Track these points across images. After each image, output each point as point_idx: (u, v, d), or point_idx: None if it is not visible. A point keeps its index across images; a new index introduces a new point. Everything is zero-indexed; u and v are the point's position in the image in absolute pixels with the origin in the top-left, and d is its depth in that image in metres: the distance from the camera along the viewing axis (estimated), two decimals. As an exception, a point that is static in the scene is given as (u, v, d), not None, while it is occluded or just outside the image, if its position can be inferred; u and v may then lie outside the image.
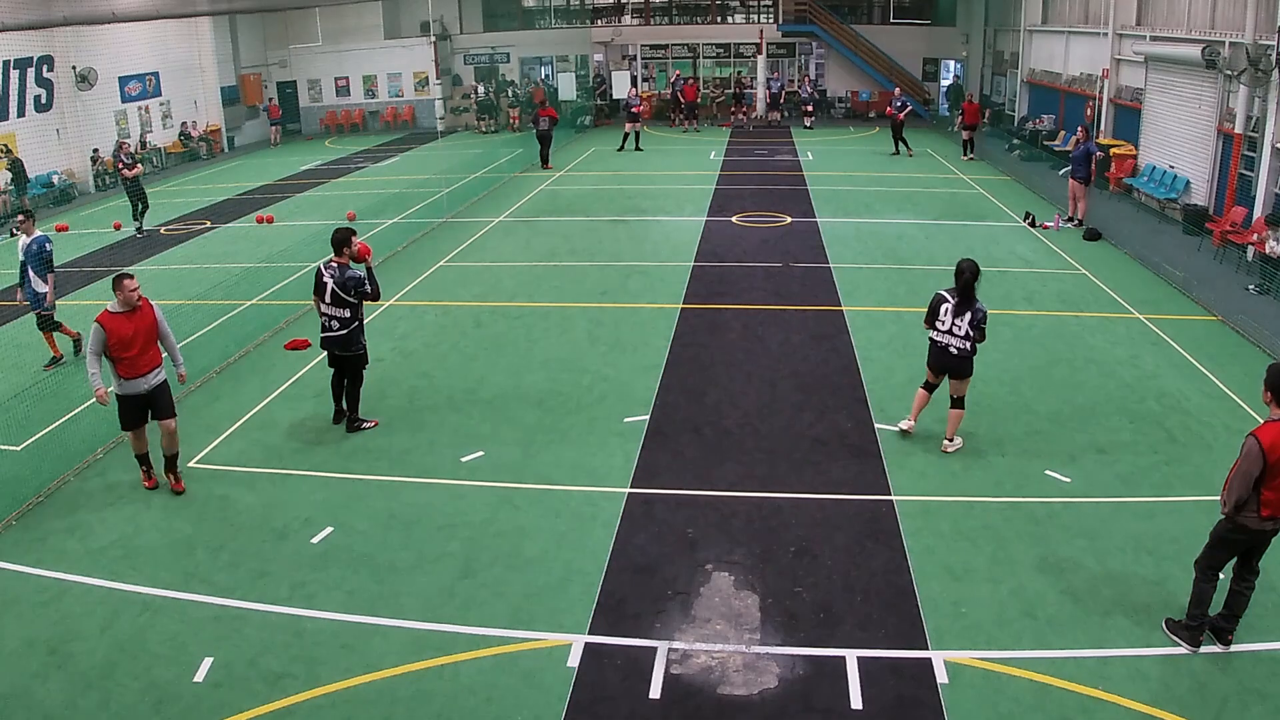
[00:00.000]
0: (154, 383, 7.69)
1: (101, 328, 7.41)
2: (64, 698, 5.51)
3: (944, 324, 8.00)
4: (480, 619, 6.14)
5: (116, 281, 7.51)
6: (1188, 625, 5.67)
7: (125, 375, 7.52)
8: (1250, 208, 14.35)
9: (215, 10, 27.01)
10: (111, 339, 7.41)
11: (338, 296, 8.50)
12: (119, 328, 7.43)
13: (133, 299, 7.48)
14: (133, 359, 7.48)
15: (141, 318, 7.54)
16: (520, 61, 34.96)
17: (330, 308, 8.56)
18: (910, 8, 34.68)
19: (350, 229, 8.83)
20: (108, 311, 7.46)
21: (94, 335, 7.38)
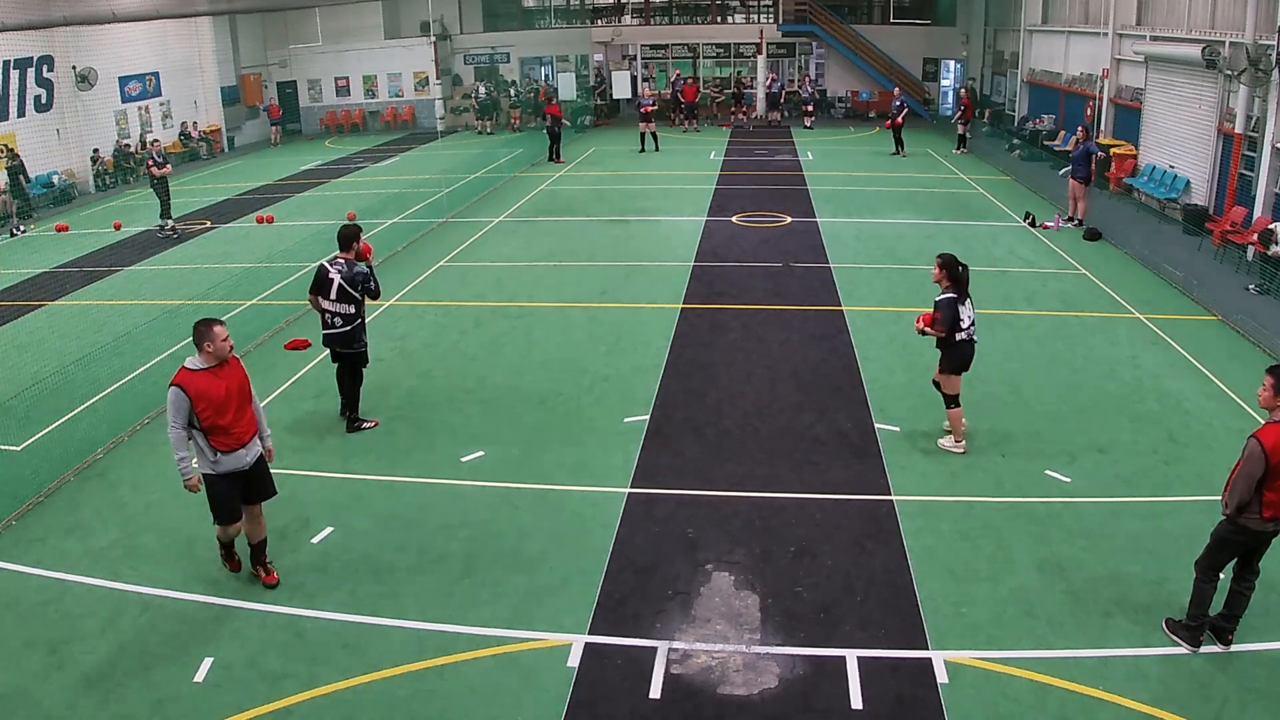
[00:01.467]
0: (255, 454, 6.29)
1: (183, 391, 5.89)
2: (64, 698, 5.51)
3: (965, 323, 7.99)
4: (480, 619, 6.14)
5: (202, 329, 6.00)
6: (1187, 625, 5.67)
7: (223, 448, 6.04)
8: (1250, 208, 14.35)
9: (215, 10, 27.00)
10: (200, 404, 5.91)
11: (344, 292, 8.51)
12: (209, 388, 5.95)
13: (224, 350, 6.03)
14: (228, 426, 6.03)
15: (232, 373, 6.11)
16: (520, 61, 34.96)
17: (335, 304, 8.54)
18: (910, 8, 34.68)
19: (358, 226, 8.93)
20: (188, 370, 5.97)
21: (174, 403, 5.91)
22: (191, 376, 5.96)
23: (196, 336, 6.02)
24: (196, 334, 6.02)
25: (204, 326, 6.02)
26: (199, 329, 6.03)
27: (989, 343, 10.81)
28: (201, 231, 18.13)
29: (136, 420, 9.32)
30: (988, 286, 13.04)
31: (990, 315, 11.78)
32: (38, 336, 12.15)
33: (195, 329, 6.05)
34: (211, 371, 6.00)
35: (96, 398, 9.87)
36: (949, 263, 8.05)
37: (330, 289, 8.54)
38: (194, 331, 6.04)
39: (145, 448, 8.79)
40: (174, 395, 5.94)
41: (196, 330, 6.04)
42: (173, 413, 5.96)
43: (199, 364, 6.00)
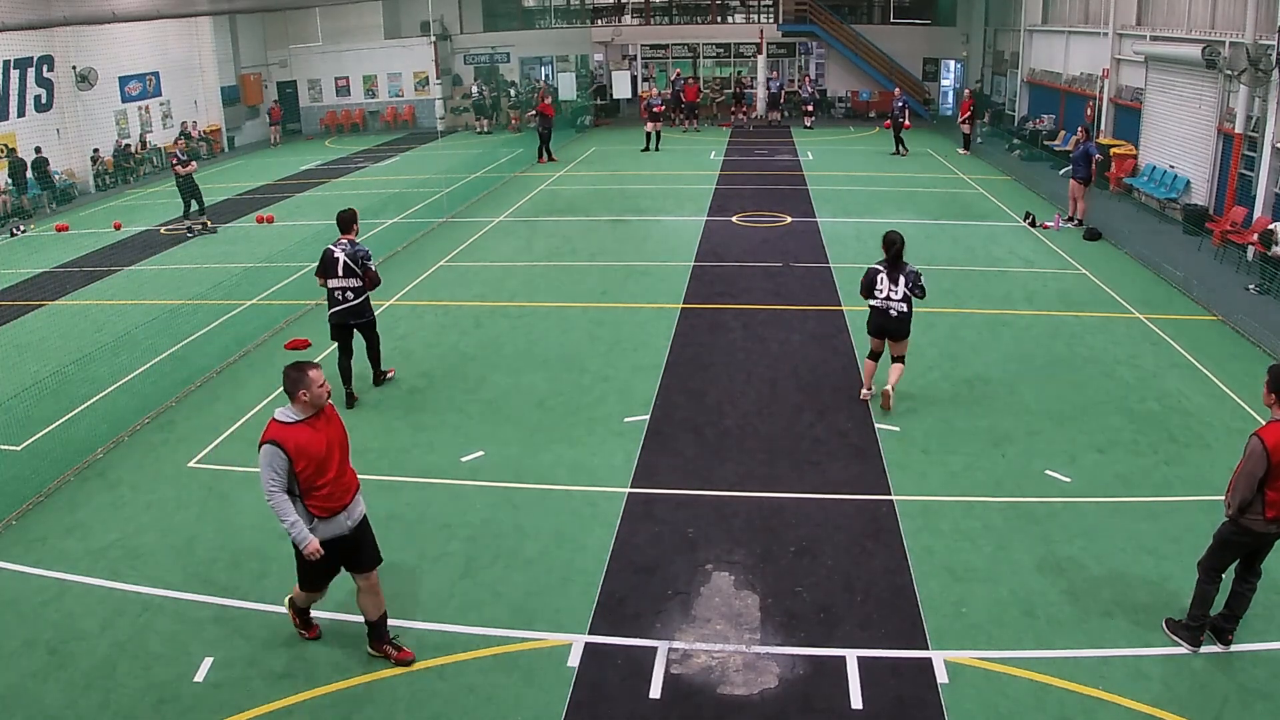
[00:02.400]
0: (357, 517, 5.48)
1: (281, 450, 5.07)
2: (64, 698, 5.51)
3: (882, 291, 8.89)
4: (480, 619, 6.14)
5: (296, 375, 5.14)
6: (1188, 625, 5.67)
7: (322, 513, 5.24)
8: (1250, 208, 14.35)
9: (215, 10, 27.01)
10: (300, 462, 5.09)
11: (349, 268, 9.19)
12: (309, 443, 5.12)
13: (322, 397, 5.21)
14: (331, 485, 5.23)
15: (331, 424, 5.31)
16: (520, 61, 34.96)
17: (342, 280, 9.22)
18: (910, 8, 34.68)
19: (353, 209, 9.59)
20: (280, 423, 5.14)
21: (271, 463, 5.08)
22: (288, 430, 5.08)
23: (290, 383, 5.14)
24: (289, 380, 5.14)
25: (298, 371, 5.14)
26: (292, 374, 5.14)
27: (989, 343, 10.83)
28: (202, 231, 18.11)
29: (136, 420, 9.32)
30: (988, 286, 13.05)
31: (990, 315, 11.79)
32: (38, 336, 12.15)
33: (287, 375, 5.16)
34: (309, 423, 5.15)
35: (96, 398, 9.87)
36: (884, 237, 8.94)
37: (337, 266, 9.19)
38: (286, 378, 5.16)
39: (145, 448, 8.79)
40: (270, 454, 5.04)
41: (289, 376, 5.15)
42: (269, 475, 5.06)
43: (293, 415, 5.15)
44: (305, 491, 5.16)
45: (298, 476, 5.10)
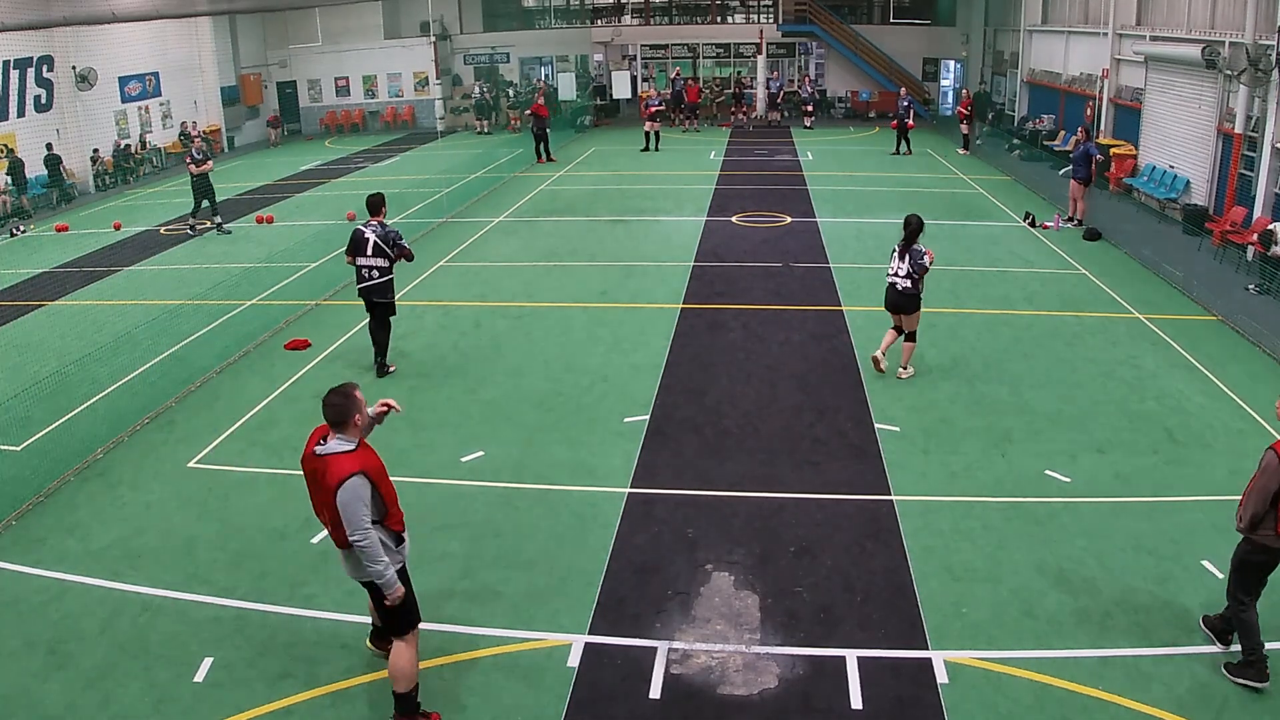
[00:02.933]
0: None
1: (368, 479, 4.71)
2: (64, 698, 5.51)
3: (891, 268, 9.70)
4: (480, 619, 6.14)
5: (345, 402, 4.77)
6: (1250, 662, 5.36)
7: (400, 527, 5.02)
8: (1250, 208, 14.35)
9: (215, 10, 27.00)
10: (383, 485, 4.83)
11: (379, 248, 9.78)
12: (378, 464, 4.88)
13: (369, 417, 5.01)
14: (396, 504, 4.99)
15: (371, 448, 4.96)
16: (520, 61, 34.96)
17: (370, 259, 9.82)
18: (910, 8, 34.69)
19: (381, 194, 10.06)
20: (347, 454, 4.72)
21: (360, 495, 4.68)
22: (359, 458, 4.74)
23: (338, 411, 4.74)
24: (338, 408, 4.75)
25: (345, 397, 4.78)
26: (339, 401, 4.76)
27: (989, 343, 10.83)
28: (202, 231, 18.11)
29: (136, 420, 9.32)
30: (988, 286, 13.05)
31: (990, 315, 11.79)
32: (38, 336, 12.16)
33: (334, 403, 4.75)
34: (366, 446, 4.88)
35: (96, 398, 9.87)
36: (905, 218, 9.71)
37: (366, 246, 9.77)
38: (333, 406, 4.75)
39: (145, 448, 8.79)
40: (358, 486, 4.64)
41: (336, 404, 4.75)
42: (361, 511, 4.66)
43: (350, 441, 4.78)
44: (388, 514, 4.89)
45: (383, 499, 4.84)
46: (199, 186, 17.35)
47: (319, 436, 4.89)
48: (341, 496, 4.66)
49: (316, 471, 4.83)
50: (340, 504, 4.67)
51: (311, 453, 4.87)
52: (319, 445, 4.83)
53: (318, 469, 4.81)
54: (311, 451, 4.87)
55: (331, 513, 4.79)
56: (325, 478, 4.74)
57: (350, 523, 4.69)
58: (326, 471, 4.73)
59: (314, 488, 4.94)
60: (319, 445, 4.83)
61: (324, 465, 4.76)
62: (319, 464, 4.80)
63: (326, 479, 4.72)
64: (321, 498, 4.86)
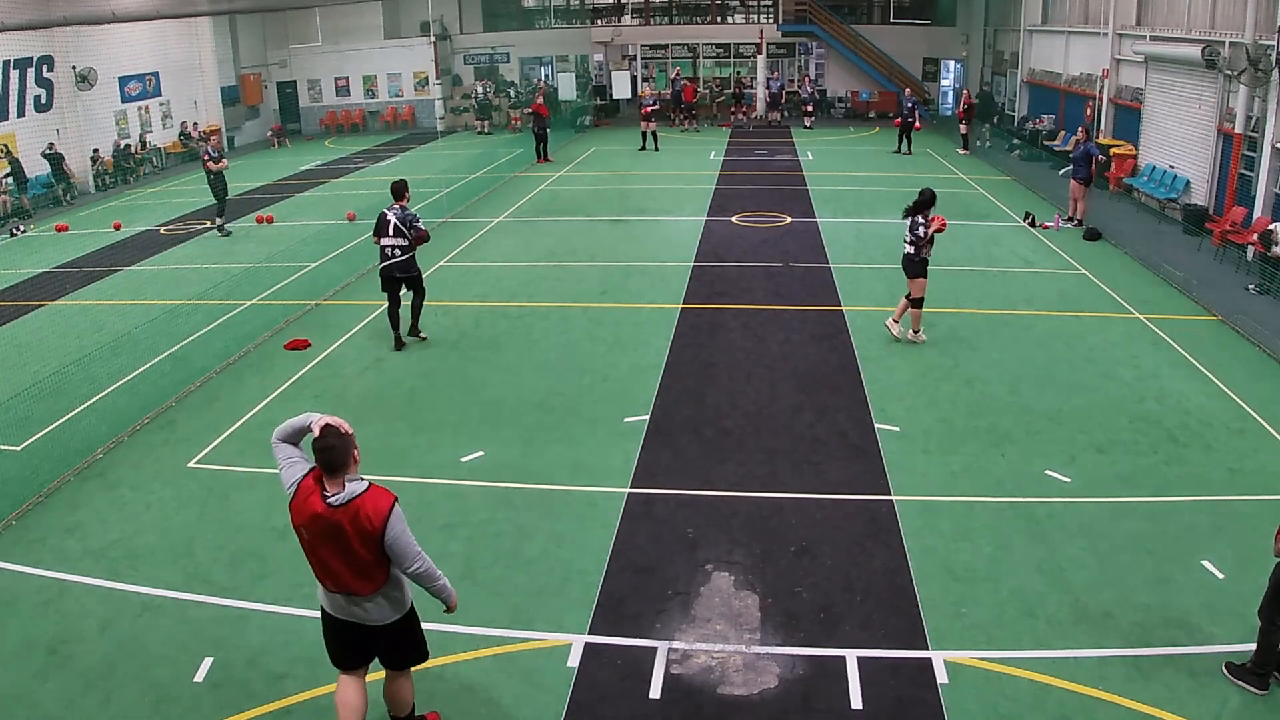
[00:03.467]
0: None
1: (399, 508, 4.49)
2: (64, 698, 5.51)
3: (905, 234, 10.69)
4: (480, 619, 6.14)
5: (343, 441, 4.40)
6: (1254, 671, 5.36)
7: None
8: (1250, 208, 14.35)
9: (215, 10, 27.01)
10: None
11: (399, 229, 10.65)
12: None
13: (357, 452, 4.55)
14: None
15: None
16: (520, 61, 34.96)
17: (393, 239, 10.66)
18: (910, 8, 34.68)
19: (404, 180, 11.09)
20: (375, 489, 4.46)
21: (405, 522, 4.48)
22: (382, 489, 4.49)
23: (338, 454, 4.34)
24: (337, 451, 4.34)
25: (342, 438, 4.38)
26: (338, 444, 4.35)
27: (989, 342, 10.83)
28: (201, 231, 18.12)
29: (136, 420, 9.32)
30: (988, 286, 13.06)
31: (990, 315, 11.80)
32: (38, 336, 12.15)
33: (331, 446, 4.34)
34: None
35: (96, 398, 9.87)
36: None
37: (388, 227, 10.63)
38: (331, 450, 4.33)
39: (145, 448, 8.79)
40: (402, 514, 4.45)
41: (334, 446, 4.34)
42: (412, 536, 4.49)
43: (362, 480, 4.46)
44: None
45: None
46: (218, 185, 17.29)
47: (315, 491, 4.38)
48: (392, 532, 4.37)
49: (342, 523, 4.33)
50: (394, 541, 4.39)
51: (323, 510, 4.34)
52: (331, 496, 4.35)
53: (343, 520, 4.33)
54: (322, 509, 4.34)
55: (362, 561, 4.40)
56: (365, 522, 4.32)
57: (408, 554, 4.44)
58: (363, 516, 4.32)
59: (333, 544, 4.39)
60: (331, 496, 4.35)
61: (353, 512, 4.33)
62: (344, 514, 4.33)
63: (367, 524, 4.32)
64: (356, 548, 4.37)
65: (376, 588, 4.52)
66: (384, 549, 4.41)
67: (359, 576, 4.47)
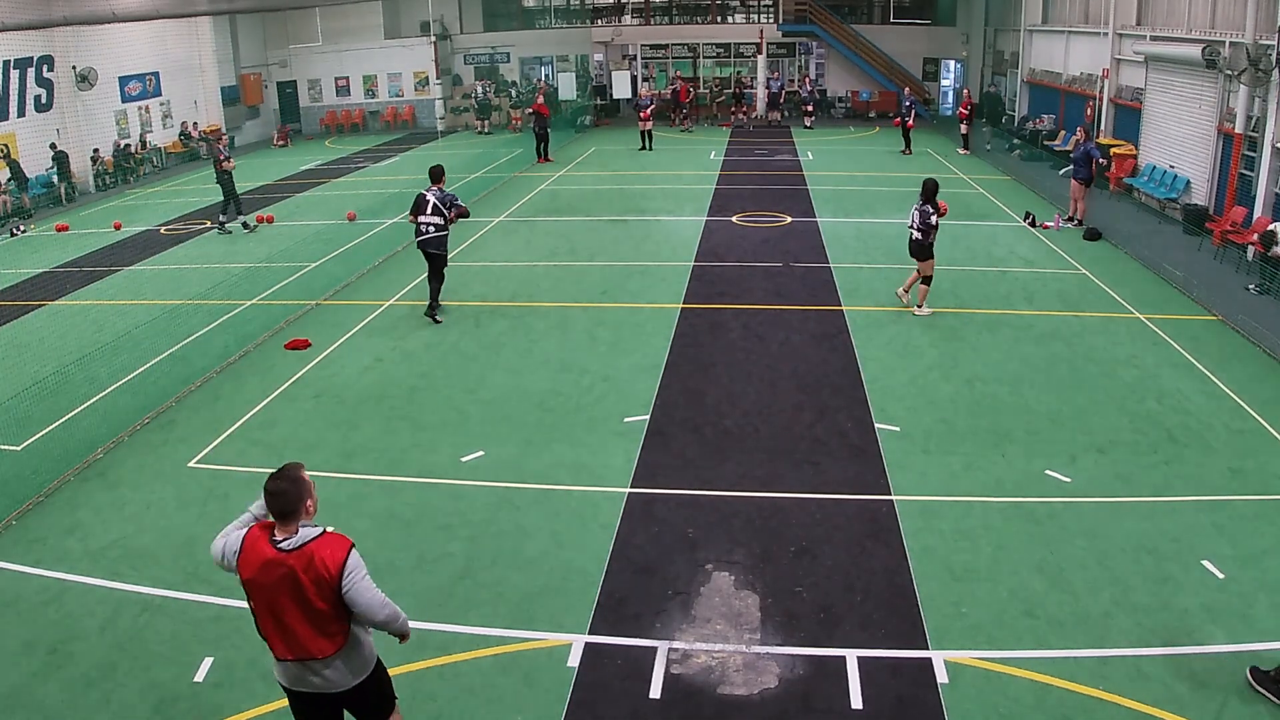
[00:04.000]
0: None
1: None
2: (64, 698, 5.51)
3: (909, 219, 11.85)
4: (480, 619, 6.14)
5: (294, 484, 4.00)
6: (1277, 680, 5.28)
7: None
8: (1250, 208, 14.35)
9: (215, 10, 27.01)
10: None
11: (437, 209, 11.67)
12: None
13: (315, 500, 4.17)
14: None
15: None
16: (520, 61, 34.96)
17: (429, 217, 11.68)
18: (910, 8, 34.68)
19: (441, 165, 12.10)
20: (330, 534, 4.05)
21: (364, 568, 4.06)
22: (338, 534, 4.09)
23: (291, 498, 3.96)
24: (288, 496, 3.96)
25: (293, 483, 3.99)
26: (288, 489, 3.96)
27: (989, 342, 10.83)
28: (201, 231, 18.12)
29: (136, 420, 9.32)
30: (988, 286, 13.05)
31: (990, 315, 11.80)
32: (38, 336, 12.16)
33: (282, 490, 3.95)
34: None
35: (96, 398, 9.87)
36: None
37: (427, 206, 11.63)
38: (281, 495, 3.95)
39: (145, 448, 8.79)
40: (360, 559, 4.03)
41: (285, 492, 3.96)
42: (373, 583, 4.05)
43: (316, 526, 4.06)
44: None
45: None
46: (228, 183, 17.26)
47: (263, 537, 3.99)
48: (350, 582, 3.94)
49: (295, 571, 3.92)
50: (353, 593, 3.95)
51: (274, 555, 3.93)
52: (281, 541, 3.94)
53: (297, 567, 3.92)
54: (273, 554, 3.93)
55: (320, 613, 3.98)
56: (320, 570, 3.91)
57: (373, 605, 4.01)
58: (317, 561, 3.92)
59: (287, 595, 3.96)
60: (281, 541, 3.94)
61: (306, 558, 3.92)
62: (297, 560, 3.92)
63: (323, 571, 3.91)
64: (310, 598, 3.95)
65: (337, 647, 4.06)
66: (341, 600, 3.98)
67: (319, 634, 4.02)
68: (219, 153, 17.40)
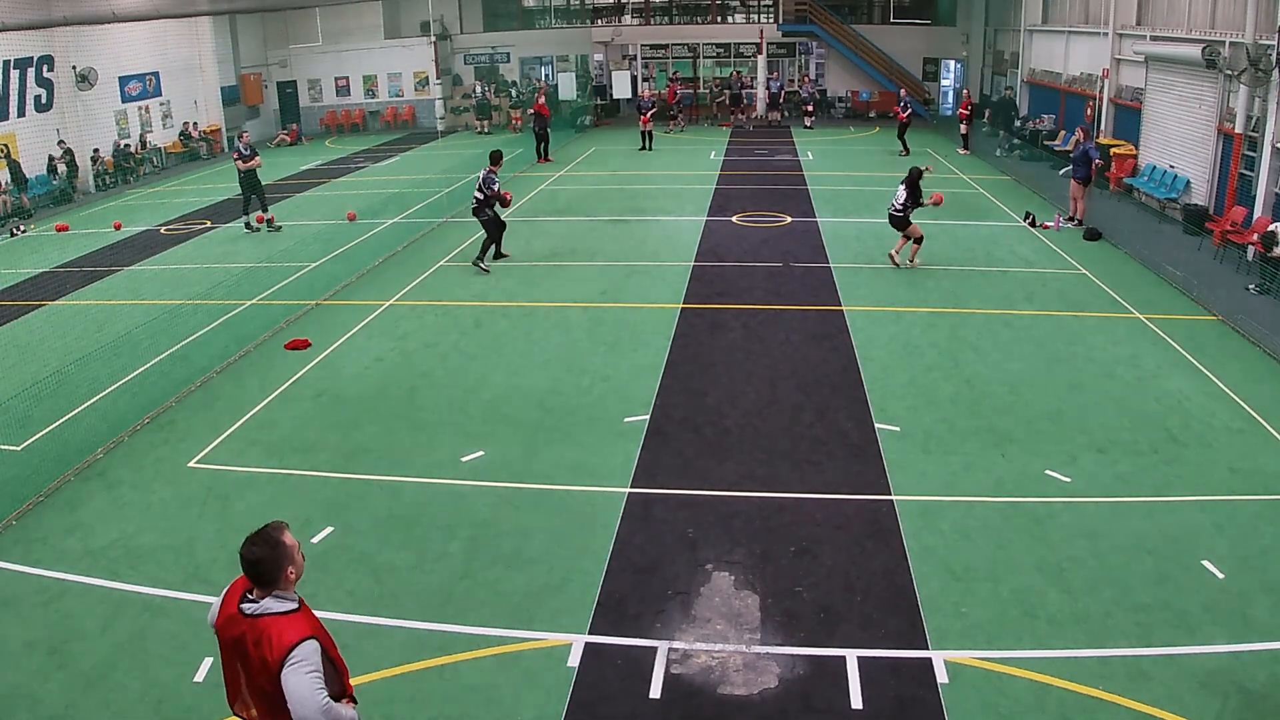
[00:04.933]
0: None
1: (319, 645, 3.67)
2: (64, 698, 5.51)
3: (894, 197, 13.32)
4: (480, 619, 6.14)
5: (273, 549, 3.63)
6: None
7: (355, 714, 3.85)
8: (1250, 208, 14.35)
9: (215, 10, 27.00)
10: (334, 654, 3.82)
11: (480, 186, 14.02)
12: (328, 636, 3.83)
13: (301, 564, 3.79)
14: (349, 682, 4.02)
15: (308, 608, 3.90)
16: (520, 61, 34.95)
17: (475, 192, 14.13)
18: (910, 8, 34.66)
19: (499, 150, 14.91)
20: (289, 615, 3.68)
21: (317, 664, 3.60)
22: (308, 619, 3.73)
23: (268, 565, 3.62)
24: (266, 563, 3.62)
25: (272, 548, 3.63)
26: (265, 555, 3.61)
27: (989, 343, 10.83)
28: (201, 231, 18.12)
29: (136, 420, 9.32)
30: (988, 286, 13.05)
31: (990, 315, 11.79)
32: (38, 336, 12.16)
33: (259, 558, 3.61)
34: (306, 606, 3.78)
35: (96, 398, 9.87)
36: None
37: (478, 182, 14.04)
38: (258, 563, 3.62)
39: (145, 448, 8.79)
40: (310, 654, 3.58)
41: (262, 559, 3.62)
42: (318, 685, 3.54)
43: (291, 600, 3.71)
44: (343, 691, 3.85)
45: (338, 672, 3.81)
46: (249, 183, 17.27)
47: (240, 592, 3.72)
48: (291, 668, 3.53)
49: (246, 638, 3.63)
50: (290, 683, 3.52)
51: (236, 612, 3.66)
52: (246, 604, 3.66)
53: (248, 636, 3.62)
54: (236, 611, 3.66)
55: (265, 693, 3.65)
56: (265, 648, 3.57)
57: (305, 698, 3.48)
58: (265, 640, 3.58)
59: (239, 661, 3.72)
60: (246, 604, 3.66)
61: (259, 632, 3.60)
62: (251, 629, 3.62)
63: (267, 650, 3.56)
64: (254, 674, 3.66)
65: None
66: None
67: (270, 711, 3.69)
68: (236, 151, 17.42)
